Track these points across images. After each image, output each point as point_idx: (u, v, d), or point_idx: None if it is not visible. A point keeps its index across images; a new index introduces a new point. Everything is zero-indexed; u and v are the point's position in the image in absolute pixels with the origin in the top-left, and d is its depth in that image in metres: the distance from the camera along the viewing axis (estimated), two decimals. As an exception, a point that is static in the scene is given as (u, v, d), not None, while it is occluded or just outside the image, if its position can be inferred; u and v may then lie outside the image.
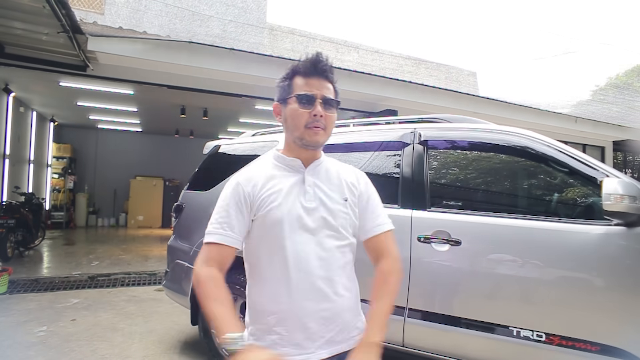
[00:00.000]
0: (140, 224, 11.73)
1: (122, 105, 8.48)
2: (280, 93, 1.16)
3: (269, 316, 1.07)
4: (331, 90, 1.13)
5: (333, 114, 1.13)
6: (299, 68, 1.13)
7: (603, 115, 9.16)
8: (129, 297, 4.68)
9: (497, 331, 1.84)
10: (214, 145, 3.37)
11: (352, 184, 1.20)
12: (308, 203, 1.09)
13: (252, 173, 1.14)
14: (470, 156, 2.37)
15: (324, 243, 1.09)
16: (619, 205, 1.55)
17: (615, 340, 1.64)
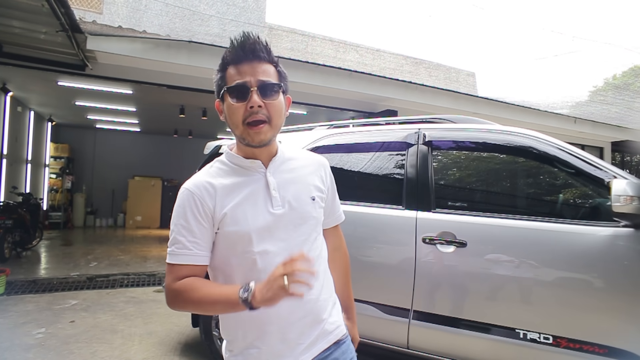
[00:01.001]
0: (139, 224, 11.68)
1: (121, 105, 8.43)
2: (217, 89, 1.02)
3: (247, 331, 0.99)
4: (270, 72, 0.98)
5: (275, 100, 0.97)
6: (227, 56, 0.99)
7: (602, 115, 9.17)
8: (128, 298, 4.64)
9: (503, 333, 1.82)
10: (215, 146, 3.34)
11: (320, 178, 1.11)
12: (276, 209, 0.98)
13: (205, 179, 1.00)
14: (475, 157, 2.36)
15: (295, 250, 0.98)
16: (628, 206, 1.54)
17: (623, 343, 1.63)
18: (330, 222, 1.19)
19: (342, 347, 1.08)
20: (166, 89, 6.51)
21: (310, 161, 1.12)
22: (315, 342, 1.02)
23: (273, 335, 0.98)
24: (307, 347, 1.01)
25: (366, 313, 2.14)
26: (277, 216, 0.98)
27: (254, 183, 1.00)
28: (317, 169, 1.12)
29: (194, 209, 0.96)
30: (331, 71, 6.24)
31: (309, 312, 1.00)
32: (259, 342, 0.98)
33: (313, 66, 6.12)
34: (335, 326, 1.07)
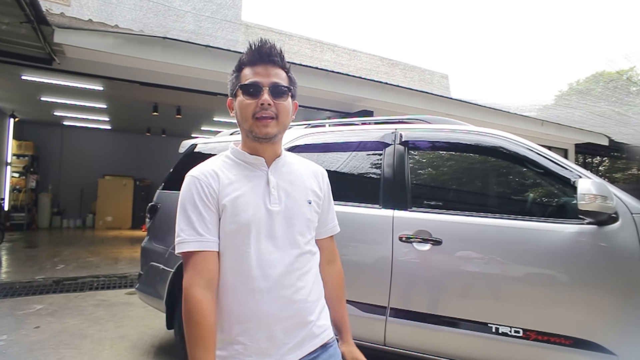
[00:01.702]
0: (109, 225, 11.31)
1: (91, 101, 8.13)
2: (230, 87, 1.11)
3: (233, 325, 0.99)
4: (282, 76, 1.07)
5: (284, 102, 1.05)
6: (244, 58, 1.07)
7: (566, 119, 9.59)
8: (98, 302, 4.49)
9: (477, 328, 1.88)
10: (191, 144, 3.28)
11: (318, 184, 1.16)
12: (273, 206, 1.03)
13: (211, 167, 1.04)
14: (450, 157, 2.42)
15: (289, 248, 1.03)
16: (592, 204, 1.62)
17: (587, 334, 1.71)
18: (324, 231, 1.22)
19: (329, 350, 1.10)
20: (139, 86, 6.32)
21: (309, 168, 1.19)
22: (302, 344, 1.03)
23: (259, 332, 0.98)
24: (293, 348, 1.01)
25: (344, 311, 2.15)
26: (273, 212, 1.03)
27: (255, 179, 1.05)
28: (315, 175, 1.18)
29: (201, 194, 1.00)
30: (308, 71, 6.24)
31: (296, 312, 1.02)
32: (245, 337, 0.99)
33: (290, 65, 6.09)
34: (322, 330, 1.09)
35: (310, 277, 1.07)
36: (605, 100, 8.62)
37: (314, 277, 1.09)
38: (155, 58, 5.21)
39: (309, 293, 1.05)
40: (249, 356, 0.98)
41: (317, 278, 1.12)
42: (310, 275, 1.07)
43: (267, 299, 0.98)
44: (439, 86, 9.73)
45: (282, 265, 1.01)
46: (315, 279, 1.10)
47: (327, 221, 1.22)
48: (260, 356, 0.99)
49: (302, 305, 1.03)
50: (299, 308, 1.02)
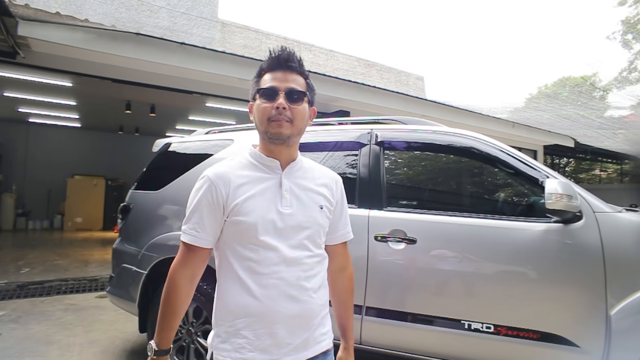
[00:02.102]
0: (79, 226, 10.92)
1: (58, 97, 7.82)
2: (251, 92, 1.16)
3: (238, 319, 1.04)
4: (300, 82, 1.11)
5: (300, 106, 1.09)
6: (264, 64, 1.13)
7: (536, 121, 9.95)
8: (66, 306, 4.32)
9: (450, 325, 1.92)
10: (165, 143, 3.21)
11: (330, 190, 1.19)
12: (284, 209, 1.07)
13: (226, 170, 1.09)
14: (424, 157, 2.46)
15: (297, 251, 1.07)
16: (559, 203, 1.69)
17: (553, 328, 1.78)
18: (336, 238, 1.24)
19: (327, 358, 1.14)
20: (111, 83, 6.13)
21: (323, 174, 1.21)
22: (304, 347, 1.07)
23: (262, 328, 1.02)
24: (295, 349, 1.05)
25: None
26: (284, 215, 1.06)
27: (268, 180, 1.09)
28: (329, 182, 1.20)
29: (208, 197, 1.06)
30: (285, 70, 6.21)
31: (301, 312, 1.05)
32: (248, 331, 1.03)
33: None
34: (325, 337, 1.14)
35: (318, 281, 1.11)
36: (571, 104, 8.99)
37: (321, 281, 1.12)
38: (128, 54, 5.06)
39: (315, 295, 1.09)
40: (251, 351, 1.02)
41: (324, 283, 1.15)
42: (318, 279, 1.11)
43: (273, 296, 1.02)
44: (414, 87, 9.89)
45: (291, 266, 1.05)
46: (322, 284, 1.13)
47: (339, 227, 1.24)
48: (262, 352, 1.02)
49: (308, 307, 1.07)
50: (304, 309, 1.06)
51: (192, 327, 2.53)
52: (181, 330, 2.57)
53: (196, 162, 2.82)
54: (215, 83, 6.13)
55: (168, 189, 2.84)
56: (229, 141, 2.81)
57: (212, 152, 2.82)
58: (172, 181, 2.84)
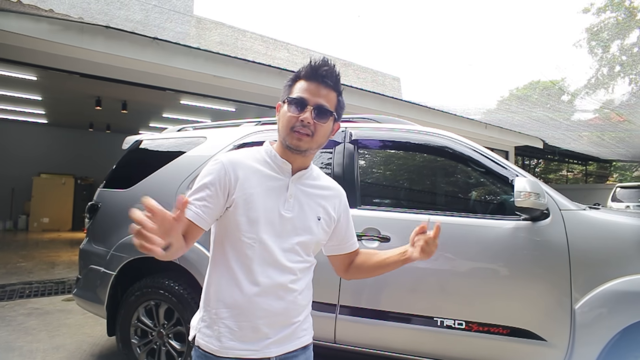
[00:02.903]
0: (46, 226, 10.47)
1: (21, 92, 7.48)
2: (283, 93, 1.17)
3: (223, 308, 1.07)
4: (331, 98, 1.12)
5: (325, 124, 1.11)
6: (302, 71, 1.14)
7: (507, 122, 10.25)
8: (29, 310, 4.13)
9: (423, 322, 1.94)
10: (135, 140, 3.11)
11: (333, 205, 1.22)
12: (286, 212, 1.10)
13: (240, 159, 1.12)
14: (398, 156, 2.48)
15: (289, 254, 1.10)
16: (527, 201, 1.73)
17: (522, 323, 1.83)
18: (346, 247, 1.32)
19: (306, 352, 1.18)
20: (79, 78, 5.91)
21: (329, 187, 1.24)
22: (284, 341, 1.10)
23: (245, 322, 1.05)
24: (275, 343, 1.08)
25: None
26: (284, 218, 1.09)
27: (277, 181, 1.12)
28: (333, 196, 1.23)
29: (216, 180, 1.07)
30: (262, 68, 6.16)
31: (285, 310, 1.09)
32: (231, 322, 1.06)
33: (243, 62, 5.98)
34: (305, 332, 1.18)
35: (303, 284, 1.15)
36: (541, 106, 9.31)
37: (306, 283, 1.17)
38: (97, 48, 4.88)
39: (300, 297, 1.13)
40: (232, 340, 1.05)
41: (309, 285, 1.20)
42: (304, 282, 1.15)
43: (261, 293, 1.05)
44: (390, 88, 10.00)
45: (282, 268, 1.08)
46: (307, 286, 1.18)
47: (347, 238, 1.31)
48: (242, 343, 1.05)
49: (292, 306, 1.11)
50: (288, 308, 1.10)
51: (163, 329, 2.46)
52: (152, 333, 2.50)
53: (168, 160, 2.74)
54: (189, 80, 6.00)
55: (138, 187, 2.76)
56: (202, 138, 2.75)
57: (185, 149, 2.75)
58: (143, 179, 2.75)
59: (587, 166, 20.63)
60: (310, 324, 1.22)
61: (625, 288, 1.71)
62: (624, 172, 21.63)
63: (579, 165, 20.70)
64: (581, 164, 20.36)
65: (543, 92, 9.72)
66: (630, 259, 1.77)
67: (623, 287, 1.72)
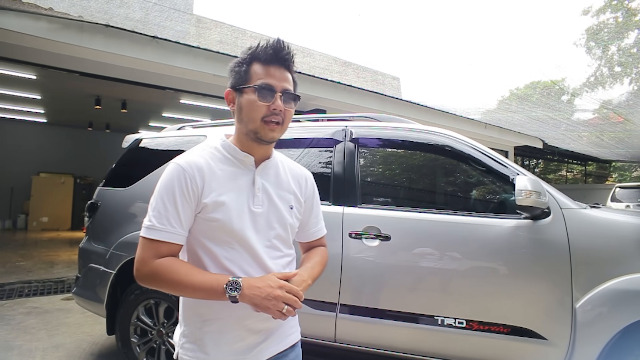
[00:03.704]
0: (45, 226, 10.46)
1: (21, 91, 7.46)
2: (236, 79, 1.06)
3: (205, 319, 1.02)
4: (291, 81, 1.07)
5: (292, 109, 1.06)
6: (259, 54, 1.04)
7: (507, 122, 10.25)
8: (28, 309, 4.12)
9: (424, 321, 1.93)
10: (135, 139, 3.10)
11: (300, 188, 1.17)
12: (256, 207, 1.04)
13: (198, 160, 1.02)
14: (399, 154, 2.48)
15: (269, 250, 1.05)
16: (528, 200, 1.72)
17: (522, 321, 1.82)
18: (309, 235, 1.25)
19: (295, 349, 1.15)
20: (79, 76, 5.90)
21: (294, 172, 1.19)
22: (273, 342, 1.07)
23: (230, 327, 1.00)
24: (264, 346, 1.05)
25: (295, 309, 2.13)
26: (256, 214, 1.04)
27: (242, 177, 1.05)
28: (299, 179, 1.18)
29: (183, 187, 0.97)
30: (262, 67, 6.13)
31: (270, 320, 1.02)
32: (215, 330, 1.01)
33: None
34: (293, 330, 1.15)
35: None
36: (541, 106, 9.31)
37: None
38: (97, 47, 4.87)
39: None
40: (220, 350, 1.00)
41: None
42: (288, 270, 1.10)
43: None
44: (390, 87, 10.00)
45: (261, 265, 1.03)
46: None
47: (310, 225, 1.23)
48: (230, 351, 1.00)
49: None
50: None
51: (163, 328, 2.46)
52: (152, 332, 2.49)
53: (168, 159, 2.70)
54: (189, 79, 5.99)
55: (138, 186, 2.75)
56: (202, 137, 2.74)
57: (185, 148, 2.74)
58: (143, 178, 2.75)
59: (587, 166, 20.64)
60: (296, 320, 1.18)
61: (626, 287, 1.71)
62: (623, 172, 21.65)
63: (579, 165, 20.71)
64: (580, 164, 20.37)
65: (543, 91, 9.73)
66: (630, 258, 1.76)
67: (624, 285, 1.71)
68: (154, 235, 0.95)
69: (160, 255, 0.96)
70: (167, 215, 0.96)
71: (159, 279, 0.95)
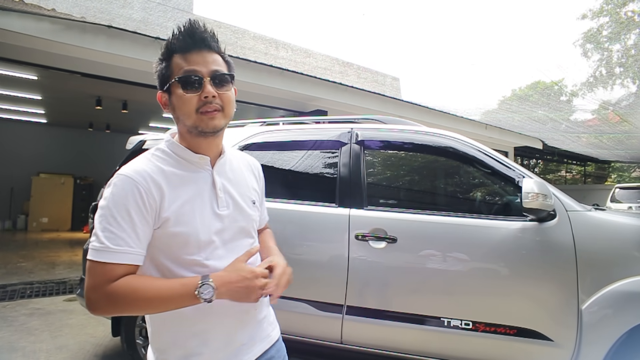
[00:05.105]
0: (45, 226, 10.43)
1: (21, 91, 7.45)
2: (161, 79, 0.97)
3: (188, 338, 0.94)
4: (220, 62, 0.96)
5: (229, 91, 0.96)
6: (174, 44, 0.94)
7: (507, 123, 10.28)
8: (31, 311, 4.11)
9: (431, 322, 1.94)
10: (139, 140, 3.10)
11: (255, 180, 1.14)
12: (221, 210, 0.96)
13: (150, 169, 0.91)
14: (404, 156, 2.48)
15: (238, 250, 0.98)
16: (535, 202, 1.73)
17: (529, 323, 1.83)
18: (262, 221, 1.22)
19: (276, 345, 1.11)
20: (80, 77, 5.88)
21: (247, 163, 1.14)
22: (255, 343, 1.04)
23: (217, 335, 0.96)
24: (248, 347, 1.01)
25: (299, 310, 2.14)
26: (222, 217, 0.97)
27: (200, 180, 0.97)
28: (252, 171, 1.14)
29: (138, 201, 0.86)
30: (263, 68, 6.15)
31: (245, 313, 1.00)
32: (202, 347, 0.94)
33: (244, 62, 5.97)
34: (272, 327, 1.11)
35: None
36: (541, 106, 9.34)
37: None
38: (99, 48, 4.87)
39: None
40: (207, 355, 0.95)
41: None
42: None
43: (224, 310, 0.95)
44: (390, 88, 10.02)
45: None
46: None
47: (262, 213, 1.21)
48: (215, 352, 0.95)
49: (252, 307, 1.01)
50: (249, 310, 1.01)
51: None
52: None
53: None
54: (190, 80, 5.97)
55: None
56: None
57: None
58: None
59: (586, 167, 20.69)
60: (274, 315, 1.14)
61: (631, 289, 1.72)
62: (622, 173, 21.71)
63: (578, 165, 20.75)
64: (580, 165, 20.41)
65: (544, 91, 9.75)
66: (636, 260, 1.77)
67: (629, 287, 1.72)
68: (109, 259, 0.83)
69: (116, 279, 0.84)
70: (121, 234, 0.84)
71: (119, 302, 0.84)
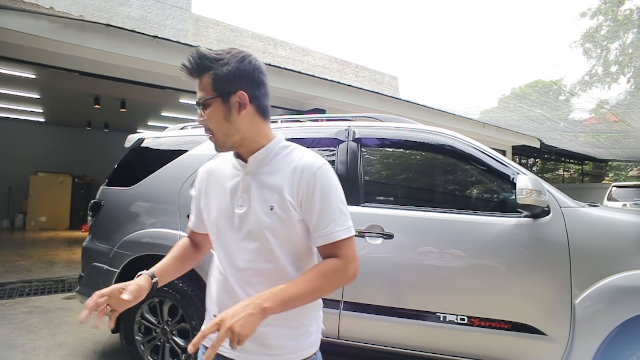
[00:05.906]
0: (43, 225, 10.43)
1: (19, 90, 7.44)
2: None
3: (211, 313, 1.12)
4: (204, 85, 1.00)
5: (211, 111, 1.00)
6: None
7: (505, 122, 10.32)
8: (30, 309, 4.12)
9: (427, 318, 1.97)
10: (138, 139, 3.12)
11: (291, 185, 1.00)
12: (238, 209, 1.04)
13: (211, 166, 1.18)
14: (401, 154, 2.51)
15: (250, 252, 1.01)
16: (529, 198, 1.76)
17: (523, 317, 1.86)
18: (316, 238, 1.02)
19: None
20: (78, 76, 5.88)
21: (293, 165, 1.02)
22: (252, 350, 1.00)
23: None
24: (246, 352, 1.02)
25: (298, 306, 2.16)
26: (237, 215, 1.06)
27: (233, 179, 1.10)
28: (295, 175, 1.01)
29: (198, 188, 1.19)
30: (261, 67, 6.15)
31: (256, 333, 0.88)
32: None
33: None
34: (285, 351, 1.03)
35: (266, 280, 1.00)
36: (539, 105, 9.38)
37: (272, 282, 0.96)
38: (97, 47, 4.87)
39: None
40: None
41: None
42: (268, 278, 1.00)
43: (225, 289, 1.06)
44: (388, 87, 10.05)
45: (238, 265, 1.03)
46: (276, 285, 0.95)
47: (318, 227, 1.00)
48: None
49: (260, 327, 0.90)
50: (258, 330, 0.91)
51: (167, 326, 2.48)
52: (156, 330, 2.52)
53: (170, 158, 2.76)
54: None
55: (141, 185, 2.77)
56: (205, 137, 2.76)
57: (187, 148, 2.77)
58: (146, 177, 2.77)
59: (583, 165, 20.76)
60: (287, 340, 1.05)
61: (623, 283, 1.75)
62: (619, 172, 21.79)
63: (575, 164, 20.82)
64: (577, 164, 20.48)
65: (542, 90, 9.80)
66: (628, 255, 1.80)
67: (621, 282, 1.75)
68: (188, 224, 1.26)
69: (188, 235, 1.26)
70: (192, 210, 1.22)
71: None
